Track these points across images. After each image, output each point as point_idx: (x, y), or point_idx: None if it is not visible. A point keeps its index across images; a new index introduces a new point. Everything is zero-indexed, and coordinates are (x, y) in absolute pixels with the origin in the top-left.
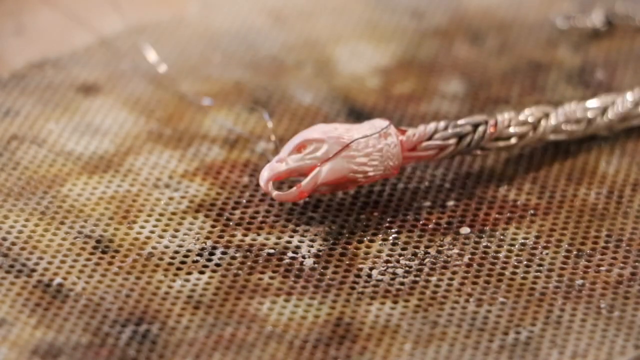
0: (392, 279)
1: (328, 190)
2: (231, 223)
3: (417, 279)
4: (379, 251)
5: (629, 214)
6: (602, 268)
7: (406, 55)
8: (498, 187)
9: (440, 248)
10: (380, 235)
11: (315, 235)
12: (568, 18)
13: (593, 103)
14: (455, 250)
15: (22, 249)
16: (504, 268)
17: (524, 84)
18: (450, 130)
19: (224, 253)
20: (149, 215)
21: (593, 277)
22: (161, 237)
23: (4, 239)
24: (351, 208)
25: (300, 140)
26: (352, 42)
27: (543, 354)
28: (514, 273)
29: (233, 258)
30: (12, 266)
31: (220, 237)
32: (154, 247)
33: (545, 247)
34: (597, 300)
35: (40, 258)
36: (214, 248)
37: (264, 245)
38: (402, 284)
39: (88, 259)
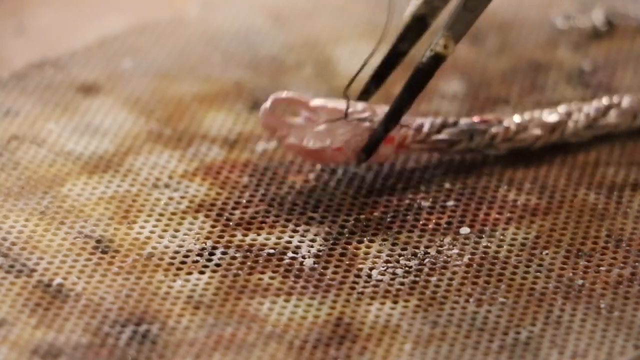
0: (392, 279)
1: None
2: (231, 223)
3: (417, 279)
4: (379, 251)
5: (628, 214)
6: (602, 268)
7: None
8: (498, 187)
9: (440, 248)
10: (380, 235)
11: (315, 235)
12: (568, 18)
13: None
14: (455, 250)
15: (22, 249)
16: (504, 268)
17: (524, 84)
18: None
19: (224, 253)
20: (149, 216)
21: (593, 277)
22: (161, 237)
23: (4, 239)
24: (351, 208)
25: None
26: (352, 42)
27: (543, 354)
28: (514, 273)
29: (233, 258)
30: (12, 266)
31: (221, 237)
32: (154, 247)
33: (545, 247)
34: (597, 300)
35: (41, 258)
36: (214, 248)
37: (264, 245)
38: (402, 284)
39: (88, 259)
